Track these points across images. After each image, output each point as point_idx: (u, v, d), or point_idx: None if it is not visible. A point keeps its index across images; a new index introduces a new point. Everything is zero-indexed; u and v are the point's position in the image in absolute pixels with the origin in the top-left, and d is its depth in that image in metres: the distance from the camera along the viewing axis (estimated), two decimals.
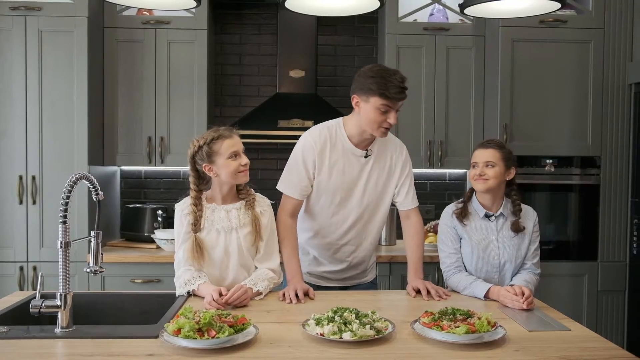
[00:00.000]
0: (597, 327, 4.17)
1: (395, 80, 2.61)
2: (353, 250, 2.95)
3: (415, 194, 2.97)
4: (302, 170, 2.82)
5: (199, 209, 2.64)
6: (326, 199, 2.87)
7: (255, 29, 4.77)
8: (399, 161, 2.92)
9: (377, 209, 2.93)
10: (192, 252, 2.60)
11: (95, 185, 2.29)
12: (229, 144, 2.58)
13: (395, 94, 2.60)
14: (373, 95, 2.63)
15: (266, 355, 1.90)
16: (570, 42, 4.16)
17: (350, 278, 3.02)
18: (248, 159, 2.63)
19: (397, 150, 2.93)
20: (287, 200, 2.86)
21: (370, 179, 2.86)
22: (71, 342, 2.02)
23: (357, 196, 2.86)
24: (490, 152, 2.75)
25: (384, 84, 2.60)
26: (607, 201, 4.19)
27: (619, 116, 4.18)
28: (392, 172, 2.91)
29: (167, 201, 4.61)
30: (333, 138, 2.83)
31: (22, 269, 3.95)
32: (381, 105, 2.63)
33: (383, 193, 2.91)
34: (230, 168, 2.57)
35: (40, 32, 3.94)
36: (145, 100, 4.26)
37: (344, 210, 2.88)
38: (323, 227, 2.92)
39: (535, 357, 1.90)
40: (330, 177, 2.83)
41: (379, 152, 2.88)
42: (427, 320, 2.10)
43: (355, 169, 2.84)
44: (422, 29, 4.33)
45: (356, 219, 2.90)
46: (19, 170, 3.95)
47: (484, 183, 2.75)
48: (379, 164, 2.87)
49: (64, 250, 2.16)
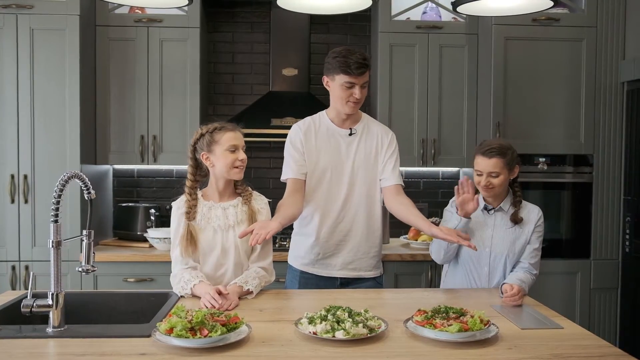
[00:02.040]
0: (590, 324, 4.18)
1: (355, 57, 2.80)
2: (349, 230, 2.98)
3: (400, 175, 3.05)
4: (294, 152, 2.97)
5: (193, 197, 2.66)
6: (319, 177, 2.96)
7: (248, 27, 4.76)
8: (384, 141, 3.03)
9: (370, 186, 3.00)
10: (184, 240, 2.60)
11: (86, 184, 2.29)
12: (230, 136, 2.62)
13: (355, 69, 2.79)
14: (337, 73, 2.84)
15: (259, 354, 1.90)
16: (563, 41, 4.16)
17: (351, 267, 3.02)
18: (246, 157, 2.66)
19: (384, 133, 3.06)
20: (287, 184, 2.97)
21: (357, 153, 2.99)
22: (63, 341, 2.01)
23: (347, 171, 2.97)
24: (494, 162, 2.77)
25: (345, 61, 2.80)
26: (599, 199, 4.20)
27: (611, 114, 4.19)
28: (379, 149, 3.02)
29: (159, 200, 4.59)
30: (317, 123, 3.02)
31: (14, 268, 3.93)
32: (345, 82, 2.83)
33: (374, 169, 3.01)
34: (227, 160, 2.60)
35: (31, 30, 3.92)
36: (137, 98, 4.25)
37: (337, 186, 2.96)
38: (320, 206, 2.96)
39: (527, 355, 1.91)
40: (319, 157, 2.97)
41: (365, 130, 3.02)
42: (420, 319, 2.10)
43: (342, 147, 2.99)
44: (415, 27, 4.33)
45: (349, 192, 2.97)
46: (11, 169, 3.93)
47: (490, 192, 2.82)
48: (366, 141, 3.01)
49: (56, 249, 2.15)
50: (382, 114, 4.30)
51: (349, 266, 3.02)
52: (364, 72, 2.83)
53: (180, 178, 4.60)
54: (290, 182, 2.95)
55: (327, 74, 2.91)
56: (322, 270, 3.01)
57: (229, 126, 2.65)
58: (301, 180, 2.96)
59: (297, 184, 2.95)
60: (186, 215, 2.63)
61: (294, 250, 3.12)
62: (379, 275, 3.11)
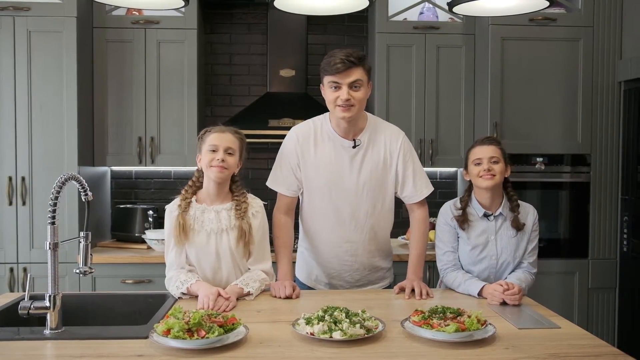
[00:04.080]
0: (588, 324, 4.19)
1: (338, 56, 2.61)
2: (355, 250, 2.86)
3: (423, 182, 2.86)
4: (286, 164, 2.83)
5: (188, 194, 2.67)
6: (318, 193, 2.82)
7: (245, 29, 4.76)
8: (394, 150, 2.81)
9: (376, 202, 2.83)
10: (176, 229, 2.61)
11: (84, 186, 2.29)
12: (213, 137, 2.62)
13: (334, 68, 2.59)
14: (324, 75, 2.68)
15: (256, 355, 1.90)
16: (560, 41, 4.17)
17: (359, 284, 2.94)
18: (225, 159, 2.58)
19: (392, 138, 2.83)
20: (279, 197, 2.87)
21: (362, 170, 2.78)
22: (60, 343, 2.02)
23: (350, 188, 2.79)
24: (493, 149, 2.76)
25: (328, 62, 2.63)
26: (597, 199, 4.21)
27: (608, 114, 4.19)
28: (388, 163, 2.81)
29: (157, 201, 4.59)
30: (318, 130, 2.82)
31: (12, 270, 3.93)
32: (329, 82, 2.65)
33: (381, 185, 2.82)
34: (206, 159, 2.60)
35: (29, 32, 3.92)
36: (135, 100, 4.25)
37: (340, 205, 2.81)
38: (320, 226, 2.87)
39: (525, 354, 1.91)
40: (318, 170, 2.80)
41: (371, 141, 2.79)
42: (417, 319, 2.10)
43: (345, 161, 2.78)
44: (412, 27, 4.34)
45: (354, 211, 2.81)
46: (9, 171, 3.92)
47: (492, 179, 2.73)
48: (372, 154, 2.79)
49: (53, 251, 2.15)
50: (379, 115, 4.27)
51: (357, 283, 2.93)
52: (346, 69, 2.59)
53: (178, 179, 4.63)
54: (283, 198, 2.86)
55: (321, 81, 2.73)
56: (331, 288, 2.93)
57: (216, 128, 2.65)
58: (294, 198, 2.87)
59: (291, 203, 2.87)
60: (178, 207, 2.64)
61: (299, 267, 3.04)
62: (388, 285, 3.01)
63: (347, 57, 2.59)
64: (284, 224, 2.86)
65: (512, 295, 2.50)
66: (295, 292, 2.67)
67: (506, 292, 2.51)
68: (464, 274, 2.77)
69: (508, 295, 2.50)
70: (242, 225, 2.64)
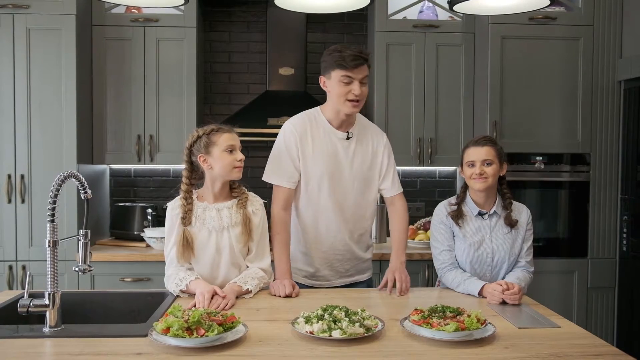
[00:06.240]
0: (587, 323, 4.19)
1: (351, 50, 2.69)
2: (348, 239, 2.93)
3: (398, 180, 3.00)
4: (286, 155, 2.85)
5: (189, 202, 2.64)
6: (314, 185, 2.86)
7: (244, 27, 4.75)
8: (380, 145, 2.95)
9: (365, 193, 2.93)
10: (180, 246, 2.60)
11: (83, 184, 2.28)
12: (227, 137, 2.61)
13: (351, 62, 2.67)
14: (334, 69, 2.71)
15: (255, 354, 1.90)
16: (560, 39, 4.16)
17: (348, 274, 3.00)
18: (244, 156, 2.65)
19: (377, 135, 2.98)
20: (278, 191, 2.87)
21: (355, 159, 2.89)
22: (60, 341, 2.01)
23: (345, 178, 2.88)
24: (487, 150, 2.75)
25: (341, 55, 2.68)
26: (596, 198, 4.21)
27: (608, 113, 4.19)
28: (375, 155, 2.94)
29: (156, 199, 4.59)
30: (313, 123, 2.88)
31: (11, 268, 3.93)
32: (342, 76, 2.70)
33: (370, 176, 2.93)
34: (225, 161, 2.58)
35: (28, 30, 3.91)
36: (134, 98, 4.24)
37: (334, 194, 2.87)
38: (317, 216, 2.90)
39: (524, 354, 1.91)
40: (315, 161, 2.85)
41: (360, 134, 2.91)
42: (417, 318, 2.10)
43: (340, 151, 2.87)
44: (412, 26, 4.33)
45: (344, 200, 2.89)
46: (8, 169, 3.92)
47: (484, 182, 2.73)
48: (362, 146, 2.91)
49: (52, 249, 2.15)
50: (378, 113, 4.30)
51: (346, 273, 2.99)
52: (361, 64, 2.69)
53: (177, 177, 4.61)
54: (283, 191, 2.85)
55: (324, 73, 2.78)
56: (322, 282, 2.97)
57: (225, 127, 2.65)
58: (292, 191, 2.88)
59: (289, 196, 2.87)
60: (182, 220, 2.62)
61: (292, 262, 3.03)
62: (369, 278, 3.11)
63: (361, 54, 2.70)
64: (283, 220, 2.86)
65: (511, 294, 2.50)
66: (295, 290, 2.68)
67: (506, 292, 2.51)
68: (462, 273, 2.77)
69: (508, 295, 2.50)
70: (246, 213, 2.65)
